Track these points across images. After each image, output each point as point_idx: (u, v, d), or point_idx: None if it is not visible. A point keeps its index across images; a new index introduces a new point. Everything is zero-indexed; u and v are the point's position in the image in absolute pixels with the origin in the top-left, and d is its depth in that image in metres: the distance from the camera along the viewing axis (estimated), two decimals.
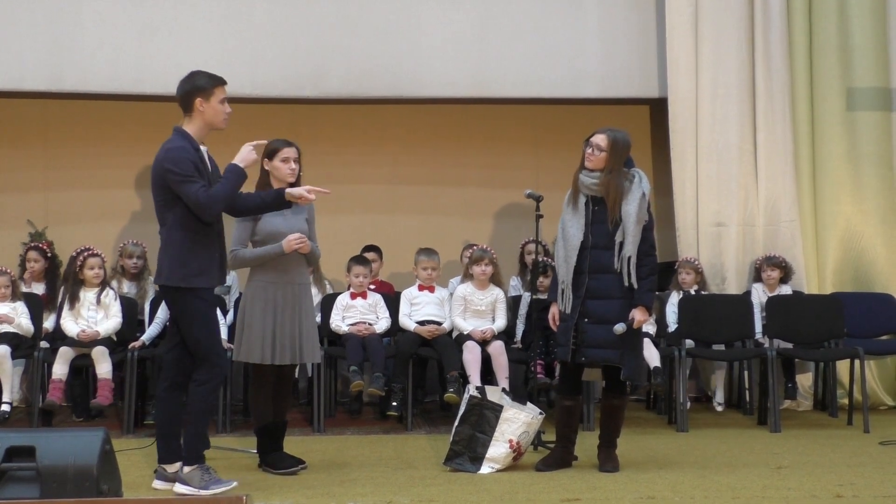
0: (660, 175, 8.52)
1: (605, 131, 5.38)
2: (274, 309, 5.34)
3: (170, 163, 4.81)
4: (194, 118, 4.91)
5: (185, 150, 4.83)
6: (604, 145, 5.33)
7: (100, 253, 6.97)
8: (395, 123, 8.70)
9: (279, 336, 5.34)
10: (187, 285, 4.82)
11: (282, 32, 7.85)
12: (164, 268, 4.86)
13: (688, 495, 4.82)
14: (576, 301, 5.33)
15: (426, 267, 7.12)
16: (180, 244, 4.84)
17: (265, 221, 5.37)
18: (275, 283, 5.36)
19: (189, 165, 4.80)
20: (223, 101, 4.93)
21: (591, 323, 5.32)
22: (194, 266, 4.83)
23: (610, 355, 5.33)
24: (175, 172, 4.79)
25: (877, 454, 5.90)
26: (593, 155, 5.34)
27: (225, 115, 4.95)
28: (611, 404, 5.52)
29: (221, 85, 4.94)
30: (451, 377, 6.64)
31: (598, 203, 5.36)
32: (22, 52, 7.67)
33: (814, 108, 7.87)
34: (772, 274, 7.49)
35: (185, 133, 4.91)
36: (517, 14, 8.02)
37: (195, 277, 4.83)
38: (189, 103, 4.90)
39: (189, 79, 4.94)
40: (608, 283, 5.33)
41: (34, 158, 8.46)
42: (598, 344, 5.31)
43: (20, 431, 3.98)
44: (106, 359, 6.57)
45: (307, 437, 6.48)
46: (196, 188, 4.78)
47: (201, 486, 4.76)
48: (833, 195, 7.82)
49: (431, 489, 4.97)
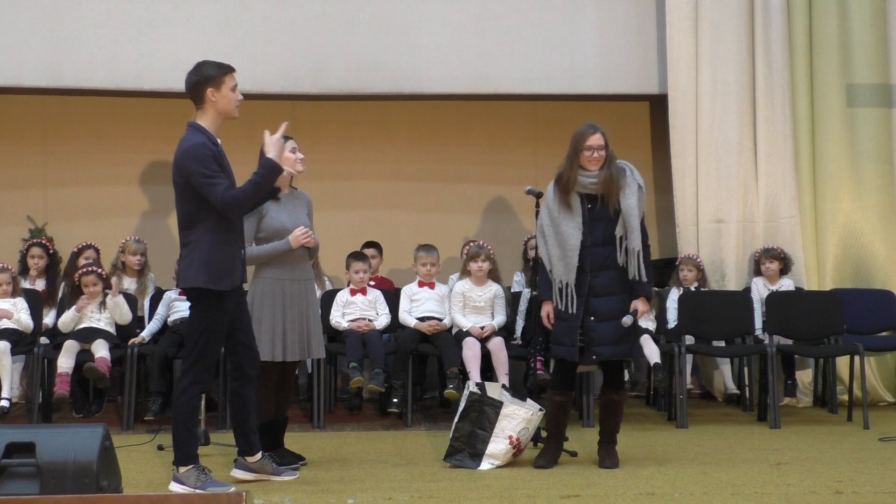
0: (659, 171, 8.53)
1: (596, 129, 5.37)
2: (283, 306, 5.36)
3: (193, 162, 4.68)
4: (207, 110, 4.81)
5: (206, 147, 4.71)
6: (602, 144, 5.34)
7: (96, 269, 6.93)
8: (395, 120, 8.70)
9: (289, 333, 5.37)
10: (215, 287, 4.76)
11: (281, 29, 7.85)
12: (192, 270, 4.75)
13: (687, 491, 4.82)
14: (580, 300, 5.33)
15: (425, 263, 7.12)
16: (209, 246, 4.75)
17: (270, 218, 5.37)
18: (283, 280, 5.36)
19: (212, 163, 4.69)
20: (234, 88, 4.84)
21: (599, 321, 5.31)
22: (222, 268, 4.78)
23: (622, 350, 5.38)
24: (199, 173, 4.66)
25: (876, 450, 5.91)
26: (593, 157, 5.33)
27: (237, 103, 4.87)
28: (611, 400, 5.52)
29: (231, 72, 4.86)
30: (450, 374, 6.64)
31: (592, 200, 5.35)
32: (21, 48, 7.67)
33: (814, 105, 7.86)
34: (771, 266, 7.49)
35: (201, 127, 4.80)
36: (517, 10, 8.02)
37: (222, 280, 4.78)
38: (200, 95, 4.80)
39: (197, 70, 4.85)
40: (610, 280, 5.34)
41: (33, 155, 8.46)
42: (608, 341, 5.32)
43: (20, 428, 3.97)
44: (105, 348, 6.63)
45: (307, 433, 6.48)
46: (221, 190, 4.68)
47: (198, 485, 4.75)
48: (833, 192, 7.82)
49: (431, 485, 4.97)
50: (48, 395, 6.73)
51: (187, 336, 4.91)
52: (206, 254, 4.75)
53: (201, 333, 4.80)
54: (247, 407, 5.02)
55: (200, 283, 4.75)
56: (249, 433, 5.04)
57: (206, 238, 4.76)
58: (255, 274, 5.42)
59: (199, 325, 4.81)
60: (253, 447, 5.06)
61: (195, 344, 4.81)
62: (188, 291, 4.85)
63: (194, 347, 4.81)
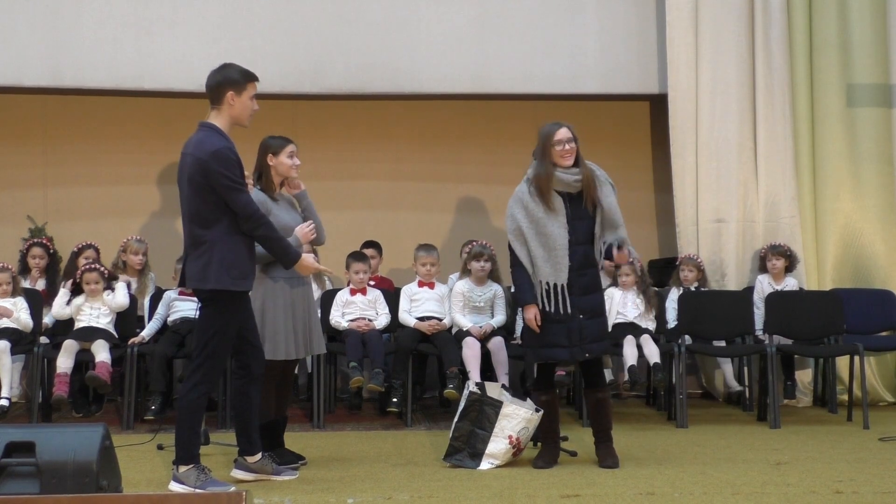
0: (659, 171, 8.53)
1: (562, 124, 5.38)
2: (293, 305, 5.39)
3: (219, 164, 4.66)
4: (223, 112, 4.82)
5: (232, 151, 4.72)
6: (571, 136, 5.35)
7: (98, 267, 6.94)
8: (395, 120, 8.70)
9: (298, 331, 5.41)
10: (237, 289, 4.76)
11: (281, 28, 7.85)
12: (210, 271, 4.71)
13: (687, 491, 4.82)
14: (571, 299, 5.34)
15: (425, 263, 7.12)
16: (232, 248, 4.74)
17: (275, 216, 5.35)
18: (290, 279, 5.38)
19: (238, 170, 4.72)
20: (252, 97, 4.87)
21: (587, 318, 5.35)
22: (243, 269, 4.79)
23: (606, 346, 5.56)
24: (226, 177, 4.66)
25: (876, 450, 5.91)
26: (565, 150, 5.33)
27: (251, 113, 4.89)
28: (596, 399, 5.54)
29: (253, 81, 4.88)
30: (450, 373, 6.64)
31: (571, 199, 5.37)
32: (21, 48, 7.67)
33: (814, 105, 7.87)
34: (776, 263, 7.48)
35: (220, 130, 4.79)
36: (517, 10, 8.02)
37: (243, 281, 4.79)
38: (220, 96, 4.81)
39: (221, 70, 4.85)
40: (593, 277, 5.43)
41: (34, 154, 8.46)
42: (595, 338, 5.38)
43: (20, 427, 3.96)
44: (105, 349, 6.61)
45: (307, 433, 6.48)
46: (246, 199, 4.73)
47: (198, 485, 4.75)
48: (833, 192, 7.82)
49: (431, 485, 4.97)
50: (48, 394, 6.73)
51: (197, 335, 4.87)
52: (227, 254, 4.73)
53: (214, 334, 4.78)
54: (250, 406, 5.01)
55: (225, 284, 4.73)
56: (252, 432, 5.04)
57: (226, 238, 4.74)
58: (260, 273, 5.41)
59: (213, 325, 4.79)
60: (254, 447, 5.05)
61: (206, 344, 4.79)
62: (207, 292, 4.77)
63: (205, 347, 4.79)
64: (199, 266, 4.76)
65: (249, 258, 4.86)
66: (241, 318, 4.89)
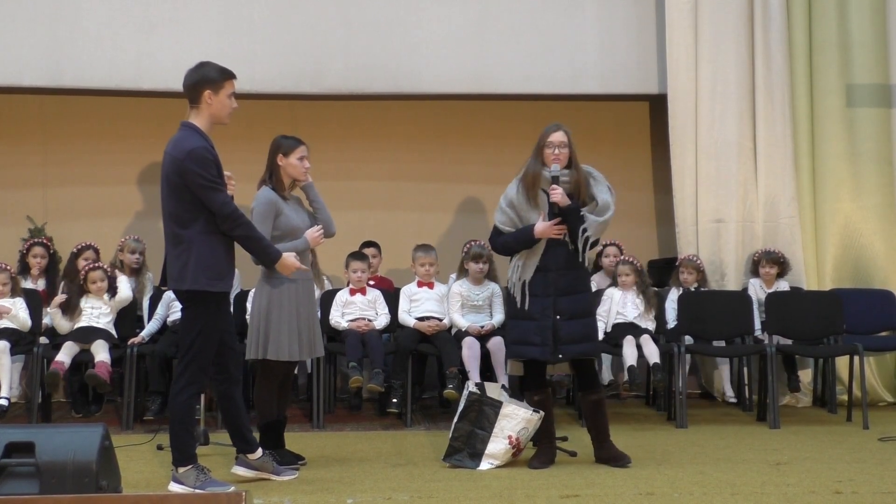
0: (659, 171, 8.53)
1: (559, 128, 5.42)
2: (297, 306, 5.39)
3: (195, 164, 4.66)
4: (201, 111, 4.81)
5: (208, 151, 4.72)
6: (565, 141, 5.39)
7: (101, 265, 6.95)
8: (395, 120, 8.70)
9: (303, 333, 5.41)
10: (213, 290, 4.75)
11: (281, 28, 7.85)
12: (188, 271, 4.71)
13: (687, 491, 4.82)
14: (546, 300, 5.35)
15: (423, 263, 7.13)
16: (209, 248, 4.73)
17: (285, 217, 5.37)
18: (296, 281, 5.37)
19: (214, 169, 4.71)
20: (231, 95, 4.86)
21: (565, 319, 5.35)
22: (219, 270, 4.77)
23: (585, 348, 5.44)
24: (202, 176, 4.65)
25: (876, 450, 5.91)
26: (554, 153, 5.37)
27: (230, 111, 4.89)
28: (591, 401, 5.54)
29: (231, 79, 4.87)
30: (450, 373, 6.64)
31: None
32: (21, 48, 7.67)
33: (813, 105, 7.87)
34: (769, 270, 7.50)
35: (198, 129, 4.79)
36: (516, 10, 8.02)
37: (219, 282, 4.78)
38: (197, 95, 4.80)
39: (198, 69, 4.85)
40: (575, 279, 5.42)
41: (33, 154, 8.45)
42: (573, 339, 5.37)
43: (19, 427, 3.97)
44: (105, 349, 6.60)
45: (306, 433, 6.48)
46: (223, 198, 4.71)
47: (197, 485, 4.75)
48: (832, 192, 7.82)
49: (431, 485, 4.97)
50: (47, 395, 6.72)
51: (182, 337, 4.87)
52: (204, 255, 4.73)
53: (197, 335, 4.78)
54: (237, 407, 4.99)
55: (201, 285, 4.73)
56: (245, 432, 5.03)
57: (203, 238, 4.74)
58: (266, 274, 5.39)
59: (195, 326, 4.79)
60: (252, 445, 5.06)
61: (191, 345, 4.79)
62: (185, 293, 4.80)
63: (190, 349, 4.79)
64: (178, 266, 4.77)
65: (227, 259, 4.84)
66: (223, 318, 4.89)
